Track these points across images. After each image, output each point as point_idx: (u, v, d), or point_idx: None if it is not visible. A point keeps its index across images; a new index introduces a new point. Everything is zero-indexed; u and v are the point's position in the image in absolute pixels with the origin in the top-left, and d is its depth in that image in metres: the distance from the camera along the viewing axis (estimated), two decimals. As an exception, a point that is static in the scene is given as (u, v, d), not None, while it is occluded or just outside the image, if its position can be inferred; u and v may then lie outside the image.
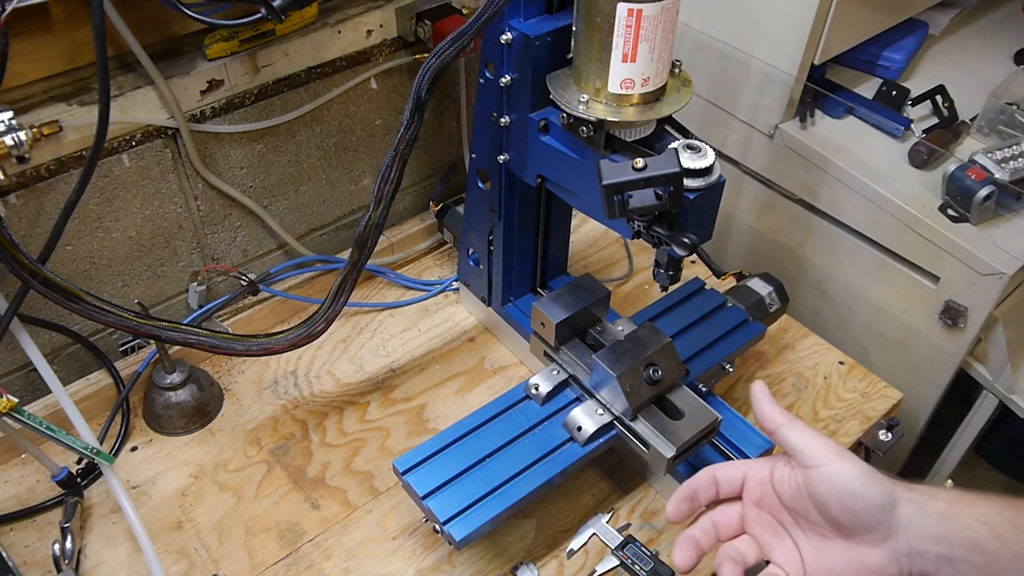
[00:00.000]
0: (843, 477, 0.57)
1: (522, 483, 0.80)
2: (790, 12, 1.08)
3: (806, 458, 0.58)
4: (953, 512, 0.55)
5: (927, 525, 0.55)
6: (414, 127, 0.76)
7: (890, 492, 0.56)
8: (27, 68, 0.81)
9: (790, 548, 0.60)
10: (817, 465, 0.58)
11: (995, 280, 1.01)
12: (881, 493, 0.56)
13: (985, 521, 0.54)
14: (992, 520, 0.54)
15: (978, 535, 0.54)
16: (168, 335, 0.84)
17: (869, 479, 0.56)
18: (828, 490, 0.57)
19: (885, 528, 0.56)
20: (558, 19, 0.78)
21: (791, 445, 0.60)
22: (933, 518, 0.55)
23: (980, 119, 1.16)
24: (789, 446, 0.60)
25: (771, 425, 0.62)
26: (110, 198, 0.91)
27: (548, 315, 0.89)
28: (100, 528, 0.87)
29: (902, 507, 0.56)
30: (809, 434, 0.60)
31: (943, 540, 0.54)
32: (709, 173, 0.68)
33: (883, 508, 0.56)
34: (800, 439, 0.59)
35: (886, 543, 0.56)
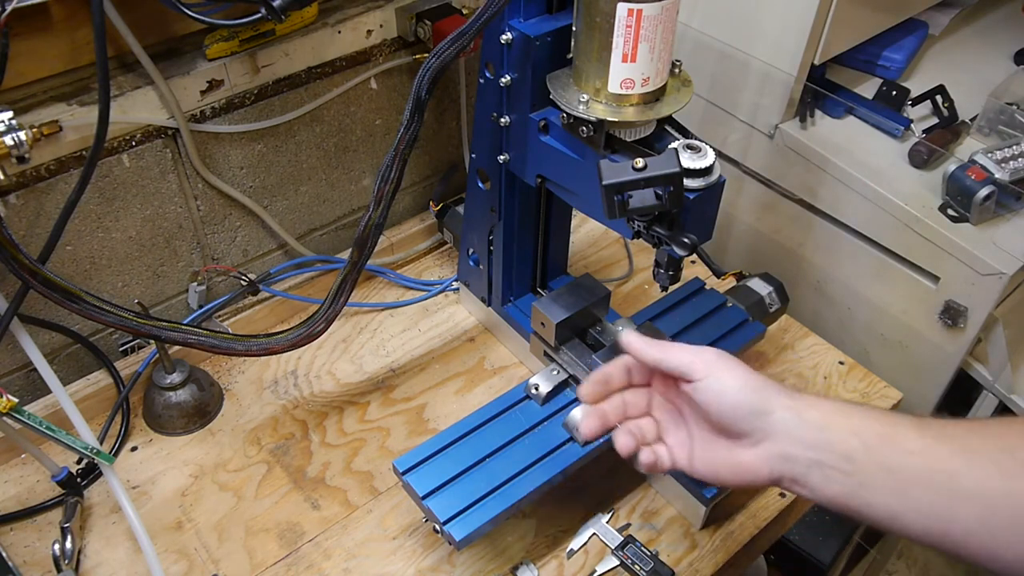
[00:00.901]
0: (718, 386, 0.61)
1: (522, 483, 0.80)
2: (790, 12, 1.08)
3: (687, 375, 0.62)
4: (828, 422, 0.58)
5: (802, 432, 0.59)
6: (414, 127, 0.76)
7: (765, 400, 0.60)
8: (27, 68, 0.81)
9: (683, 436, 0.66)
10: (697, 379, 0.62)
11: (995, 280, 1.01)
12: (755, 401, 0.60)
13: (857, 432, 0.57)
14: (863, 432, 0.57)
15: (849, 445, 0.57)
16: (168, 335, 0.84)
17: (745, 389, 0.60)
18: (706, 400, 0.61)
19: (761, 432, 0.60)
20: (558, 19, 0.78)
21: (672, 369, 0.63)
22: (808, 426, 0.59)
23: (980, 119, 1.16)
24: (671, 370, 0.63)
25: (651, 359, 0.65)
26: (110, 198, 0.91)
27: (548, 315, 0.89)
28: (100, 528, 0.87)
29: (778, 415, 0.59)
30: (685, 352, 0.63)
31: (815, 447, 0.58)
32: (709, 173, 0.68)
33: (756, 415, 0.60)
34: (678, 359, 0.63)
35: (761, 445, 0.60)
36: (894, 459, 0.55)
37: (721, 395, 0.61)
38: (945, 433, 0.55)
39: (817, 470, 0.57)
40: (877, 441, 0.56)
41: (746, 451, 0.61)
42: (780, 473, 0.59)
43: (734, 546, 0.86)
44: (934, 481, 0.54)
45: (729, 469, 0.62)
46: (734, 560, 0.87)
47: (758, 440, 0.60)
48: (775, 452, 0.59)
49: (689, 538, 0.87)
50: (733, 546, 0.86)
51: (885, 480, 0.55)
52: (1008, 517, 0.51)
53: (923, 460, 0.54)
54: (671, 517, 0.89)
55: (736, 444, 0.61)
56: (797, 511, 0.95)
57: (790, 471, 0.59)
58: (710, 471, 0.64)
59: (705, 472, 0.64)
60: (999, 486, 0.52)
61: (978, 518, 0.52)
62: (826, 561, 1.30)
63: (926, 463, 0.54)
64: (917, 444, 0.55)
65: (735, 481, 0.62)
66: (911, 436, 0.56)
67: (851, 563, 1.46)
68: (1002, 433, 0.54)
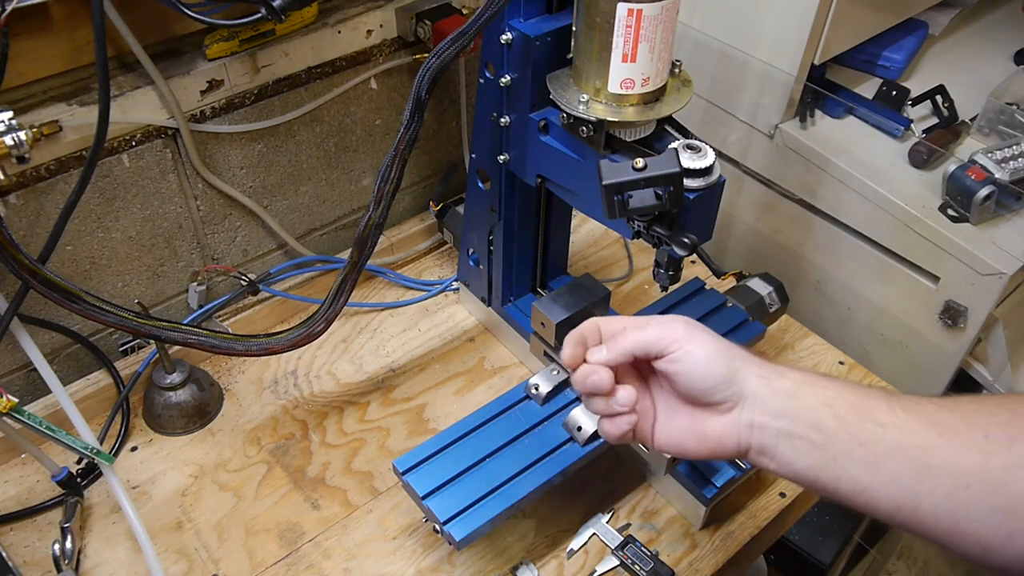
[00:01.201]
0: (688, 358, 0.59)
1: (522, 483, 0.80)
2: (790, 12, 1.08)
3: (658, 352, 0.60)
4: (799, 392, 0.57)
5: (772, 401, 0.58)
6: (414, 127, 0.76)
7: (735, 370, 0.59)
8: (27, 68, 0.81)
9: (647, 404, 0.63)
10: (665, 354, 0.60)
11: (995, 280, 1.01)
12: (725, 372, 0.59)
13: (828, 403, 0.56)
14: (835, 403, 0.56)
15: (820, 415, 0.56)
16: (168, 335, 0.84)
17: (713, 359, 0.59)
18: (676, 371, 0.60)
19: (730, 401, 0.59)
20: (558, 19, 0.78)
21: (639, 349, 0.61)
22: (779, 395, 0.58)
23: (980, 119, 1.16)
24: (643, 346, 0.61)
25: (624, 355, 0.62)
26: (110, 198, 0.91)
27: (548, 315, 0.89)
28: (100, 528, 0.87)
29: (750, 383, 0.58)
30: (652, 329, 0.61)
31: (785, 416, 0.57)
32: (709, 173, 0.68)
33: (726, 384, 0.58)
34: (646, 339, 0.60)
35: (729, 413, 0.59)
36: (866, 431, 0.54)
37: (693, 367, 0.59)
38: (917, 408, 0.54)
39: (786, 441, 0.56)
40: (849, 412, 0.55)
41: (714, 419, 0.59)
42: (748, 443, 0.58)
43: (734, 546, 0.86)
44: (906, 455, 0.53)
45: (695, 439, 0.61)
46: (734, 560, 0.87)
47: (727, 409, 0.59)
48: (744, 421, 0.58)
49: (689, 538, 0.87)
50: (733, 546, 0.86)
51: (856, 452, 0.54)
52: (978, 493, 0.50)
53: (896, 433, 0.54)
54: (671, 517, 0.89)
55: (703, 413, 0.60)
56: (797, 511, 0.95)
57: (759, 441, 0.58)
58: (675, 441, 0.62)
59: (669, 443, 0.62)
60: (971, 462, 0.51)
61: (947, 494, 0.51)
62: (826, 561, 1.30)
63: (898, 436, 0.53)
64: (889, 417, 0.54)
65: (701, 451, 0.61)
66: (883, 409, 0.55)
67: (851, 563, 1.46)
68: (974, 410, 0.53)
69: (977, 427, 0.52)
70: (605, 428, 0.63)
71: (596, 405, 0.62)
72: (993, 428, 0.51)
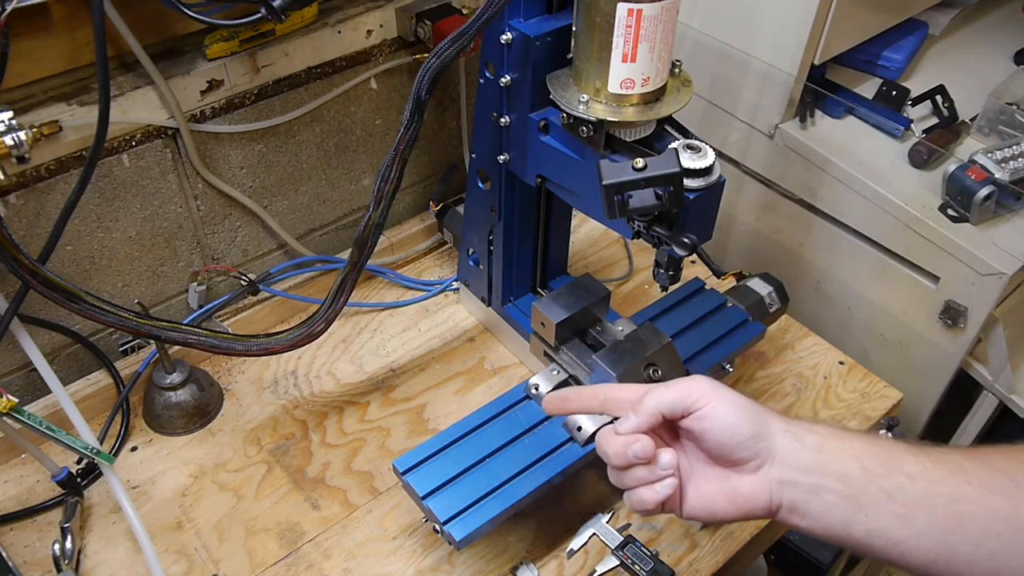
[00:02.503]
0: (717, 414, 0.59)
1: (522, 483, 0.80)
2: (790, 12, 1.08)
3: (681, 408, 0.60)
4: (826, 446, 0.57)
5: (801, 456, 0.57)
6: (414, 127, 0.76)
7: (764, 424, 0.59)
8: (27, 68, 0.81)
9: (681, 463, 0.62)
10: (695, 410, 0.59)
11: (995, 280, 1.01)
12: (755, 426, 0.58)
13: (855, 456, 0.56)
14: (862, 455, 0.56)
15: (848, 468, 0.56)
16: (168, 335, 0.84)
17: (742, 413, 0.59)
18: (705, 428, 0.59)
19: (760, 457, 0.58)
20: (558, 19, 0.78)
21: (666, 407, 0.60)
22: (807, 450, 0.58)
23: (980, 119, 1.16)
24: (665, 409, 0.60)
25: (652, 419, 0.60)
26: (110, 198, 0.91)
27: (548, 315, 0.89)
28: (100, 528, 0.87)
29: (778, 438, 0.58)
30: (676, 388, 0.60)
31: (815, 471, 0.57)
32: (709, 173, 0.68)
33: (756, 439, 0.58)
34: (669, 396, 0.60)
35: (759, 471, 0.58)
36: (894, 482, 0.54)
37: (723, 422, 0.59)
38: (944, 458, 0.55)
39: (816, 496, 0.56)
40: (875, 464, 0.55)
41: (744, 479, 0.59)
42: (780, 500, 0.58)
43: (734, 546, 0.86)
44: (935, 505, 0.53)
45: (727, 500, 0.59)
46: (734, 560, 0.86)
47: (757, 466, 0.58)
48: (774, 478, 0.58)
49: (689, 538, 0.87)
50: (733, 546, 0.86)
51: (885, 504, 0.54)
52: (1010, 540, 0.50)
53: (924, 483, 0.54)
54: (671, 517, 0.89)
55: (733, 473, 0.59)
56: (797, 511, 0.95)
57: (790, 498, 0.57)
58: (705, 504, 0.60)
59: (699, 508, 0.61)
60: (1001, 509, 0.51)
61: (979, 542, 0.51)
62: (826, 561, 1.30)
63: (927, 486, 0.53)
64: (916, 467, 0.54)
65: (732, 513, 0.60)
66: (909, 460, 0.55)
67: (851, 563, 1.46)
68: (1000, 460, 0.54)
69: (1005, 475, 0.52)
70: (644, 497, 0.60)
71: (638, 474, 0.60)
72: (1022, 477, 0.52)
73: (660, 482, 0.60)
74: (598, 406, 0.67)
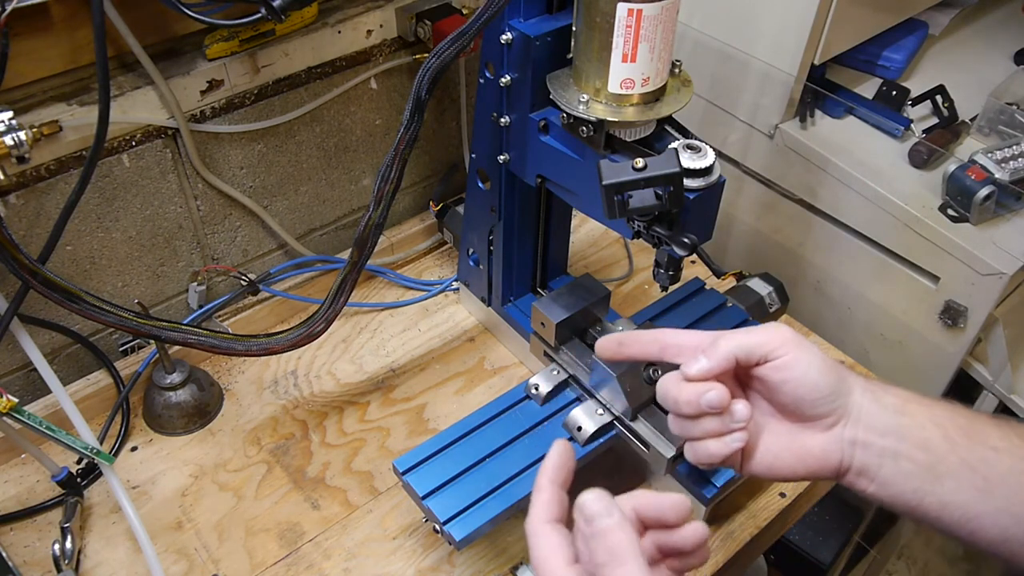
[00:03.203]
0: (800, 366, 0.55)
1: (522, 483, 0.80)
2: (790, 12, 1.08)
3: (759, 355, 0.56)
4: (907, 408, 0.54)
5: (879, 416, 0.54)
6: (414, 127, 0.76)
7: (844, 378, 0.55)
8: (27, 68, 0.81)
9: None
10: (776, 358, 0.55)
11: (995, 280, 1.01)
12: (836, 381, 0.55)
13: (938, 423, 0.53)
14: (944, 423, 0.53)
15: (929, 435, 0.53)
16: (168, 335, 0.84)
17: (824, 368, 0.55)
18: (782, 377, 0.55)
19: (836, 414, 0.55)
20: (558, 19, 0.78)
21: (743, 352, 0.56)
22: (887, 410, 0.54)
23: (980, 119, 1.17)
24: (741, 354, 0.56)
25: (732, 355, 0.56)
26: (110, 198, 0.91)
27: (548, 315, 0.89)
28: (100, 528, 0.87)
29: (856, 395, 0.55)
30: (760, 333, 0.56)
31: (892, 433, 0.54)
32: (709, 173, 0.68)
33: (836, 395, 0.55)
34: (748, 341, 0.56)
35: (833, 429, 0.55)
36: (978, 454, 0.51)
37: (803, 374, 0.55)
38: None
39: (891, 461, 0.53)
40: (959, 434, 0.52)
41: (816, 436, 0.55)
42: (850, 461, 0.54)
43: (734, 546, 0.86)
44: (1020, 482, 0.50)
45: (795, 457, 0.56)
46: (734, 560, 0.86)
47: (831, 424, 0.55)
48: (848, 437, 0.54)
49: (689, 538, 0.87)
50: (733, 546, 0.86)
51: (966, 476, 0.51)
52: None
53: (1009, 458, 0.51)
54: (671, 517, 0.88)
55: (804, 429, 0.56)
56: (797, 511, 0.95)
57: (861, 460, 0.54)
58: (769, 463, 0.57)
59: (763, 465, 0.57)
60: None
61: None
62: (826, 561, 1.30)
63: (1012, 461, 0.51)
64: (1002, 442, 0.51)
65: (799, 471, 0.56)
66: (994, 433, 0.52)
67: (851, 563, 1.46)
68: None
69: None
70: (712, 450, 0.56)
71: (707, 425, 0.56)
72: None
73: (731, 435, 0.55)
74: (658, 352, 0.61)
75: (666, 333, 0.62)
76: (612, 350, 0.65)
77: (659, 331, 0.62)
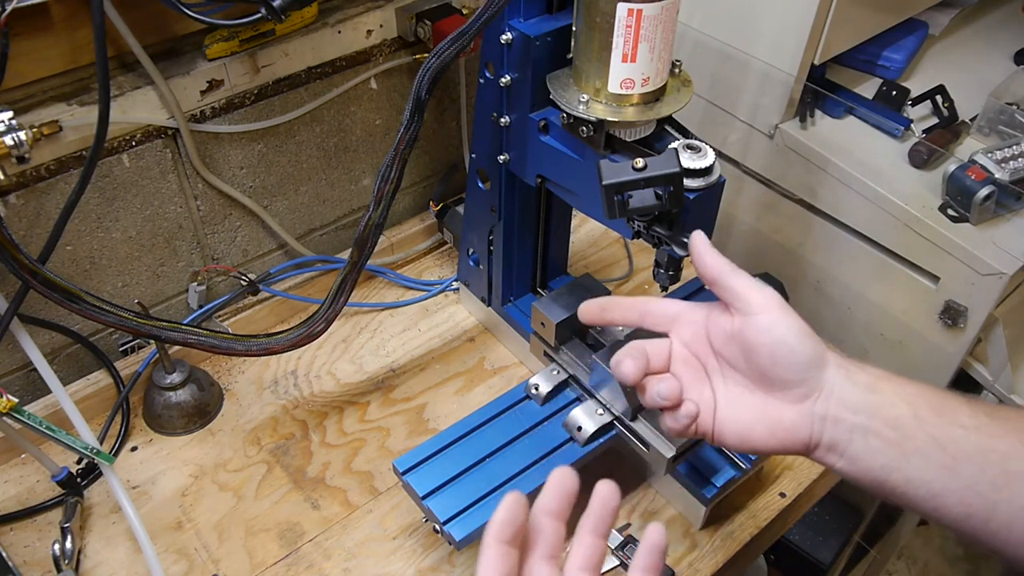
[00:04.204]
0: (780, 327, 0.56)
1: (522, 483, 0.80)
2: (790, 12, 1.08)
3: (747, 305, 0.58)
4: (878, 386, 0.55)
5: (850, 393, 0.55)
6: (414, 127, 0.76)
7: (822, 352, 0.56)
8: (27, 68, 0.81)
9: (707, 394, 0.60)
10: (756, 313, 0.57)
11: (995, 280, 1.01)
12: (814, 351, 0.56)
13: (908, 400, 0.54)
14: (915, 401, 0.54)
15: (899, 412, 0.54)
16: (168, 335, 0.84)
17: (805, 335, 0.56)
18: (762, 339, 0.56)
19: (808, 386, 0.56)
20: (558, 19, 0.78)
21: (734, 291, 0.58)
22: (858, 387, 0.55)
23: (980, 119, 1.16)
24: (732, 292, 0.59)
25: (713, 272, 0.60)
26: (110, 198, 0.91)
27: (548, 315, 0.89)
28: (100, 528, 0.87)
29: (830, 371, 0.56)
30: (752, 282, 0.58)
31: (862, 411, 0.54)
32: (709, 173, 0.68)
33: (812, 365, 0.56)
34: (743, 286, 0.58)
35: (804, 402, 0.56)
36: (946, 432, 0.52)
37: (783, 336, 0.55)
38: (1000, 413, 0.52)
39: (860, 437, 0.54)
40: (929, 412, 0.53)
41: (787, 408, 0.56)
42: (820, 437, 0.55)
43: (734, 546, 0.86)
44: (987, 460, 0.50)
45: (765, 428, 0.57)
46: (734, 560, 0.86)
47: (803, 395, 0.55)
48: (819, 412, 0.55)
49: (689, 538, 0.87)
50: (733, 546, 0.86)
51: (934, 454, 0.51)
52: None
53: (977, 436, 0.51)
54: (671, 517, 0.89)
55: (774, 398, 0.57)
56: (797, 511, 0.95)
57: (831, 436, 0.55)
58: (737, 432, 0.58)
59: (732, 434, 0.58)
60: None
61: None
62: (826, 561, 1.30)
63: (980, 440, 0.51)
64: (971, 420, 0.52)
65: (770, 442, 0.57)
66: (965, 411, 0.52)
67: (851, 563, 1.46)
68: None
69: None
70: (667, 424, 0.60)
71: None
72: None
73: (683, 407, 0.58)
74: (638, 318, 0.64)
75: (648, 301, 0.64)
76: (595, 314, 0.67)
77: (641, 298, 0.65)
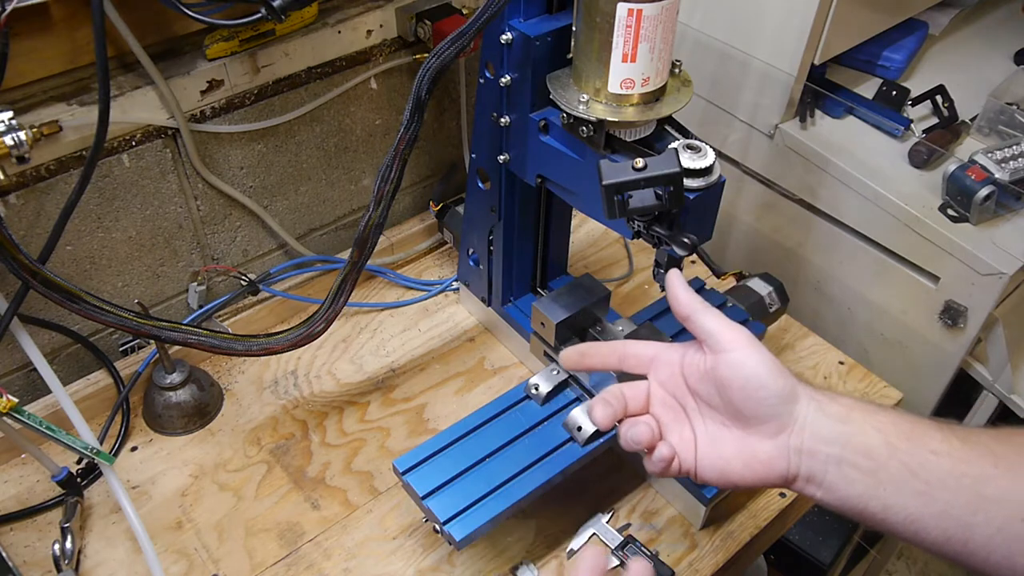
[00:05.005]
0: (750, 363, 0.57)
1: (522, 483, 0.80)
2: (790, 12, 1.08)
3: (718, 343, 0.59)
4: (850, 416, 0.56)
5: (823, 425, 0.56)
6: (414, 127, 0.76)
7: (793, 386, 0.57)
8: (27, 68, 0.81)
9: (687, 434, 0.61)
10: (727, 350, 0.58)
11: (995, 280, 1.01)
12: (785, 386, 0.57)
13: (879, 429, 0.55)
14: (886, 429, 0.55)
15: (871, 441, 0.54)
16: (168, 335, 0.84)
17: (775, 370, 0.57)
18: (733, 375, 0.58)
19: (782, 421, 0.57)
20: (558, 19, 0.78)
21: (705, 329, 0.60)
22: (830, 419, 0.56)
23: (980, 119, 1.17)
24: (703, 330, 0.60)
25: (685, 310, 0.62)
26: (110, 198, 0.91)
27: (548, 315, 0.89)
28: (100, 528, 0.87)
29: (802, 404, 0.57)
30: (722, 320, 0.60)
31: (836, 442, 0.55)
32: (709, 173, 0.68)
33: (783, 400, 0.57)
34: (714, 324, 0.60)
35: (779, 436, 0.57)
36: (918, 458, 0.53)
37: (753, 371, 0.57)
38: (972, 438, 0.53)
39: (835, 467, 0.55)
40: (900, 439, 0.54)
41: (763, 442, 0.57)
42: (797, 469, 0.56)
43: (734, 546, 0.86)
44: (960, 485, 0.51)
45: (743, 464, 0.58)
46: (734, 560, 0.87)
47: (777, 430, 0.57)
48: (794, 446, 0.56)
49: (689, 538, 0.87)
50: (733, 546, 0.86)
51: (908, 481, 0.53)
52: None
53: (949, 462, 0.52)
54: (671, 517, 0.89)
55: (750, 434, 0.58)
56: (797, 511, 0.95)
57: (808, 468, 0.56)
58: (717, 468, 0.59)
59: (712, 470, 0.59)
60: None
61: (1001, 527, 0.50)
62: (826, 561, 1.30)
63: (952, 465, 0.52)
64: (943, 445, 0.53)
65: (748, 478, 0.58)
66: (936, 437, 0.53)
67: (851, 563, 1.46)
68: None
69: None
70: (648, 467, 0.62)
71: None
72: None
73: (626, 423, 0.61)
74: (617, 362, 0.66)
75: (626, 344, 0.66)
76: (575, 360, 0.69)
77: (619, 342, 0.67)
